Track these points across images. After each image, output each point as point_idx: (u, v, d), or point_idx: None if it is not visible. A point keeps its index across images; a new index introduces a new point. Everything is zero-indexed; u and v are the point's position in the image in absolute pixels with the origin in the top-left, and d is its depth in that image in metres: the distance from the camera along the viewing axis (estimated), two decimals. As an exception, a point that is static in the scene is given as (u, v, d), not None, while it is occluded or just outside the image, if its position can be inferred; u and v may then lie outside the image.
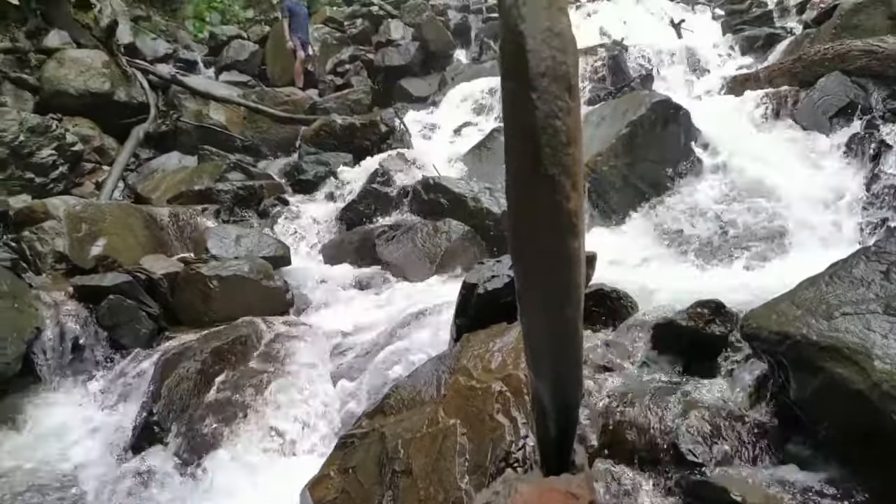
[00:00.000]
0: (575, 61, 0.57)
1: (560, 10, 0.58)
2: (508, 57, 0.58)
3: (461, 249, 4.64)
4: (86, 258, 4.34)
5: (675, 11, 10.01)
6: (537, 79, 0.55)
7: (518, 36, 0.57)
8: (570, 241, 0.58)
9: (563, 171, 0.56)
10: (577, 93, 0.57)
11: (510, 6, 0.58)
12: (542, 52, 0.56)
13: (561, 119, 0.56)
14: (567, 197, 0.56)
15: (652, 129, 5.04)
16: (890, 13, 6.01)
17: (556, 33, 0.57)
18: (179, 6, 14.56)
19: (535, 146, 0.56)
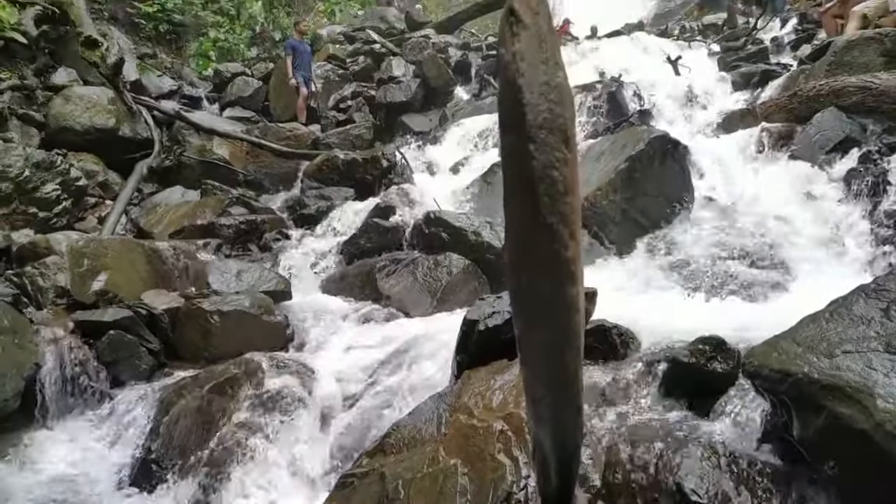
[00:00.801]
0: (572, 114, 0.59)
1: (556, 65, 0.60)
2: (507, 109, 0.60)
3: (462, 283, 4.64)
4: (87, 293, 4.34)
5: (672, 48, 10.18)
6: (535, 131, 0.57)
7: (516, 90, 0.58)
8: (568, 288, 0.59)
9: (561, 219, 0.57)
10: (573, 144, 0.58)
11: (508, 61, 0.60)
12: (540, 105, 0.58)
13: (558, 169, 0.57)
14: (565, 245, 0.57)
15: (650, 163, 5.09)
16: (883, 50, 6.10)
17: (553, 87, 0.59)
18: (185, 44, 14.86)
19: (534, 196, 0.57)
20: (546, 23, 0.61)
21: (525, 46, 0.59)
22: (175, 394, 3.14)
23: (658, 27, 14.83)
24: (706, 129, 6.52)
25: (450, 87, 10.22)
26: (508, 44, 0.61)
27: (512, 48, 0.60)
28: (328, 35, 14.41)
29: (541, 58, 0.59)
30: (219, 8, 15.89)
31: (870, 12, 7.36)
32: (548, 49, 0.59)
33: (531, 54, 0.59)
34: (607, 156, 5.53)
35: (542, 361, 0.63)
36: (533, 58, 0.58)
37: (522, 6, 0.60)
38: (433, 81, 10.05)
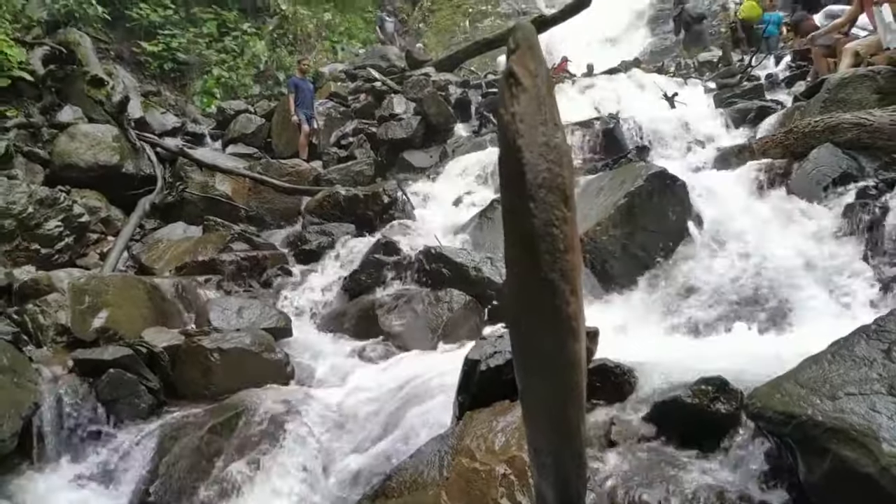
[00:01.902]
0: (570, 173, 0.60)
1: (555, 126, 0.62)
2: (508, 169, 0.61)
3: (463, 319, 4.64)
4: (87, 331, 4.33)
5: (668, 85, 10.33)
6: (535, 190, 0.58)
7: (516, 150, 0.60)
8: (570, 344, 0.60)
9: (562, 276, 0.58)
10: (573, 203, 0.59)
11: (508, 122, 0.62)
12: (539, 165, 0.59)
13: (558, 227, 0.59)
14: (566, 301, 0.58)
15: (649, 199, 5.12)
16: (876, 87, 6.18)
17: (552, 147, 0.60)
18: (189, 82, 15.11)
19: (535, 253, 0.58)
20: (544, 84, 0.63)
21: (524, 108, 0.61)
22: (174, 434, 3.11)
23: (654, 64, 15.06)
24: (704, 164, 6.58)
25: (450, 124, 10.34)
26: (508, 105, 0.62)
27: (511, 109, 0.62)
28: (330, 73, 14.66)
29: (540, 119, 0.61)
30: (223, 47, 16.21)
31: (862, 49, 7.48)
32: (546, 110, 0.61)
33: (530, 116, 0.61)
34: (606, 191, 5.57)
35: (544, 415, 0.63)
36: (532, 119, 0.60)
37: (521, 69, 0.62)
38: (433, 118, 10.18)
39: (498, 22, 22.16)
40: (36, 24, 10.92)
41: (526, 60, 0.63)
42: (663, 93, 9.58)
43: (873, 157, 5.11)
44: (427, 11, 24.83)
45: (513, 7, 23.46)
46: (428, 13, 24.73)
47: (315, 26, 19.30)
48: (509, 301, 0.64)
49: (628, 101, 9.96)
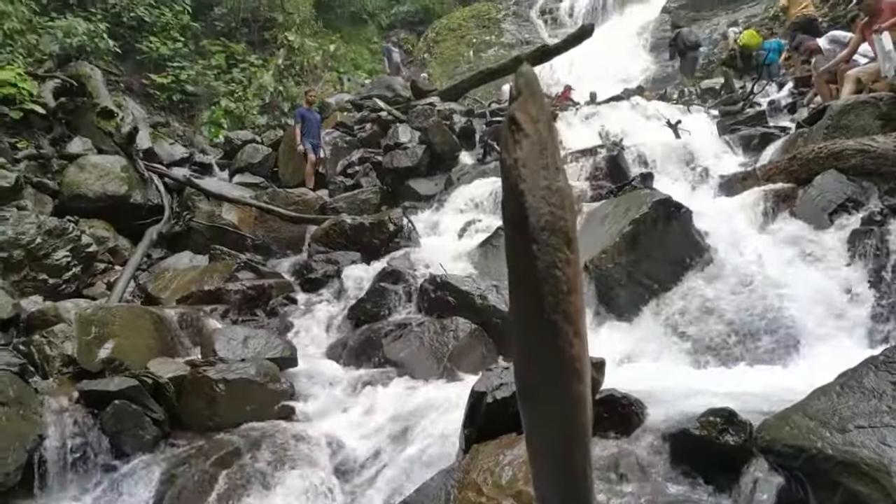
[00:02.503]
0: (573, 216, 0.61)
1: (557, 170, 0.63)
2: (511, 212, 0.62)
3: (469, 348, 4.62)
4: (93, 361, 4.34)
5: (671, 113, 10.40)
6: (538, 233, 0.59)
7: (519, 194, 0.61)
8: (575, 385, 0.60)
9: (565, 318, 0.59)
10: (576, 246, 0.60)
11: (511, 167, 0.63)
12: (542, 208, 0.60)
13: (561, 269, 0.59)
14: (570, 343, 0.59)
15: (654, 227, 5.12)
16: (879, 113, 6.20)
17: (554, 191, 0.61)
18: (197, 112, 15.33)
19: (538, 295, 0.59)
20: (546, 130, 0.64)
21: (527, 154, 0.62)
22: (178, 466, 3.09)
23: (657, 91, 15.20)
24: (708, 191, 6.59)
25: (454, 153, 10.41)
26: (511, 151, 0.64)
27: (514, 155, 0.63)
28: (336, 103, 14.85)
29: (542, 164, 0.62)
30: (231, 78, 16.48)
31: (863, 76, 7.54)
32: (548, 155, 0.62)
33: (532, 161, 0.62)
34: (611, 219, 5.58)
35: (549, 458, 0.63)
36: (534, 164, 0.61)
37: (523, 115, 0.63)
38: (438, 147, 10.25)
39: (501, 52, 22.46)
40: (48, 58, 11.15)
41: (528, 107, 0.64)
42: (666, 120, 9.64)
43: (878, 183, 5.11)
44: (432, 42, 25.22)
45: (516, 37, 23.80)
46: (432, 44, 25.11)
47: (322, 57, 19.62)
48: (513, 339, 0.64)
49: (632, 128, 10.02)
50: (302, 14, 20.27)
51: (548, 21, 24.83)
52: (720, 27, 18.52)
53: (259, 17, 18.77)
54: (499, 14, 25.28)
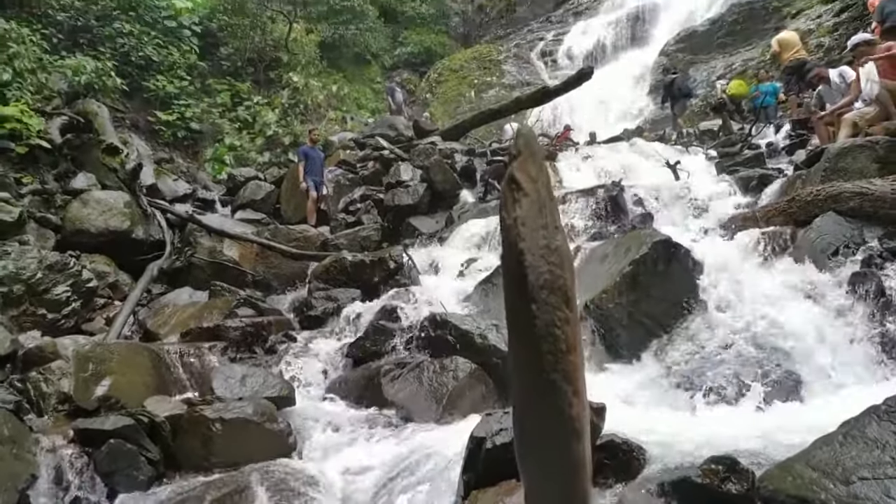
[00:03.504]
0: (571, 275, 0.62)
1: (556, 229, 0.64)
2: (510, 271, 0.63)
3: (468, 388, 4.57)
4: (89, 399, 4.31)
5: (670, 153, 10.51)
6: (537, 291, 0.60)
7: (518, 253, 0.62)
8: (574, 445, 0.60)
9: (564, 377, 0.59)
10: (575, 305, 0.61)
11: (510, 225, 0.64)
12: (541, 267, 0.61)
13: (560, 328, 0.60)
14: (569, 403, 0.59)
15: (654, 267, 5.13)
16: (876, 157, 6.27)
17: (553, 250, 0.62)
18: (201, 149, 15.52)
19: (537, 353, 0.59)
20: (545, 189, 0.66)
21: (526, 213, 0.63)
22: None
23: (656, 132, 15.40)
24: (708, 232, 6.61)
25: (455, 191, 10.50)
26: (510, 209, 0.65)
27: (513, 214, 0.64)
28: (339, 141, 15.04)
29: (541, 223, 0.63)
30: (235, 116, 16.73)
31: (860, 120, 7.65)
32: (547, 214, 0.64)
33: (532, 220, 0.63)
34: (611, 259, 5.59)
35: (549, 517, 0.62)
36: (533, 223, 0.62)
37: (522, 174, 0.65)
38: (439, 185, 10.35)
39: (502, 93, 22.82)
40: (56, 96, 11.34)
41: (527, 166, 0.66)
42: (666, 161, 9.74)
43: (876, 226, 5.14)
44: (434, 82, 25.65)
45: (516, 78, 24.22)
46: (435, 84, 25.54)
47: (325, 97, 19.94)
48: (512, 396, 0.64)
49: (631, 168, 10.12)
50: (307, 54, 20.68)
51: (548, 63, 25.30)
52: (717, 70, 18.85)
53: (265, 57, 19.16)
54: (500, 56, 25.78)
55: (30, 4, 14.13)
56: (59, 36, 14.33)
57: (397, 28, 29.29)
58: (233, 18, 18.88)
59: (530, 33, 28.50)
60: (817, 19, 16.15)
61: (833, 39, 14.90)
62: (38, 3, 14.29)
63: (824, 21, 15.83)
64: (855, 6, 14.95)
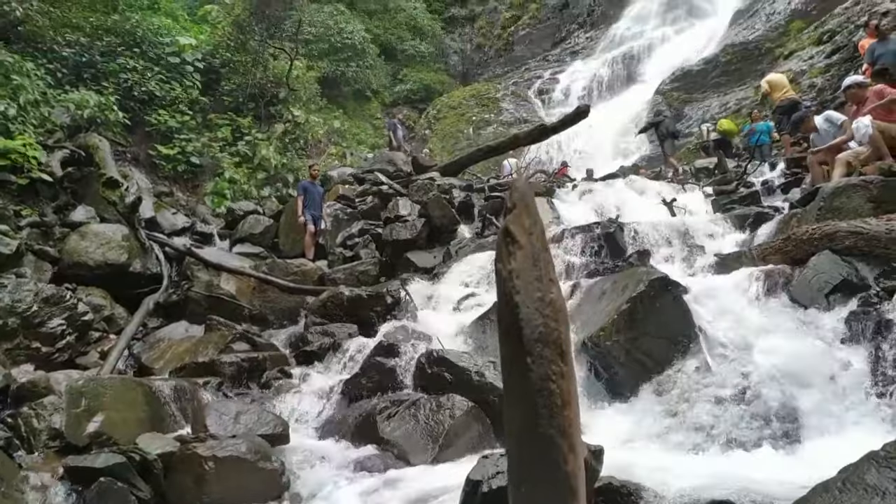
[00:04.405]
0: (566, 328, 0.62)
1: (550, 281, 0.64)
2: (505, 323, 0.63)
3: (464, 427, 4.52)
4: (81, 435, 4.25)
5: (667, 191, 10.61)
6: (532, 344, 0.60)
7: (513, 305, 0.62)
8: (569, 502, 0.59)
9: (559, 432, 0.59)
10: (570, 358, 0.61)
11: (506, 278, 0.64)
12: (536, 319, 0.61)
13: (555, 382, 0.60)
14: (564, 459, 0.59)
15: (651, 304, 5.12)
16: (870, 196, 6.32)
17: (547, 302, 0.63)
18: (201, 183, 15.61)
19: (532, 408, 0.59)
20: (540, 241, 0.66)
21: (521, 265, 0.64)
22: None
23: (652, 170, 15.57)
24: (704, 270, 6.62)
25: (453, 226, 10.53)
26: (505, 262, 0.65)
27: (509, 266, 0.65)
28: (339, 176, 15.15)
29: (535, 275, 0.63)
30: (236, 150, 16.88)
31: (853, 160, 7.74)
32: (542, 266, 0.64)
33: (526, 272, 0.63)
34: (609, 296, 5.59)
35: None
36: (528, 275, 0.63)
37: (517, 228, 0.66)
38: (437, 220, 10.38)
39: (500, 129, 23.13)
40: (59, 129, 11.45)
41: (522, 219, 0.67)
42: (662, 198, 9.82)
43: (872, 265, 5.14)
44: (433, 119, 26.01)
45: (514, 115, 24.58)
46: (434, 120, 25.89)
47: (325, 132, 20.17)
48: (508, 451, 0.64)
49: (628, 205, 10.19)
50: (308, 90, 20.99)
51: (545, 101, 25.72)
52: (712, 109, 19.16)
53: (266, 92, 19.42)
54: (498, 93, 26.21)
55: (35, 40, 14.37)
56: (64, 70, 14.54)
57: (397, 66, 29.82)
58: (235, 55, 19.19)
59: (528, 72, 29.05)
60: (809, 60, 16.49)
61: (825, 80, 15.20)
62: (43, 38, 14.54)
63: (816, 62, 16.17)
64: (846, 48, 15.30)
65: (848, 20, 16.12)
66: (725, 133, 15.32)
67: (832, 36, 16.37)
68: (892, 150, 7.51)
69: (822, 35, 16.80)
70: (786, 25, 19.08)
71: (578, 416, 0.61)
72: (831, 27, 16.66)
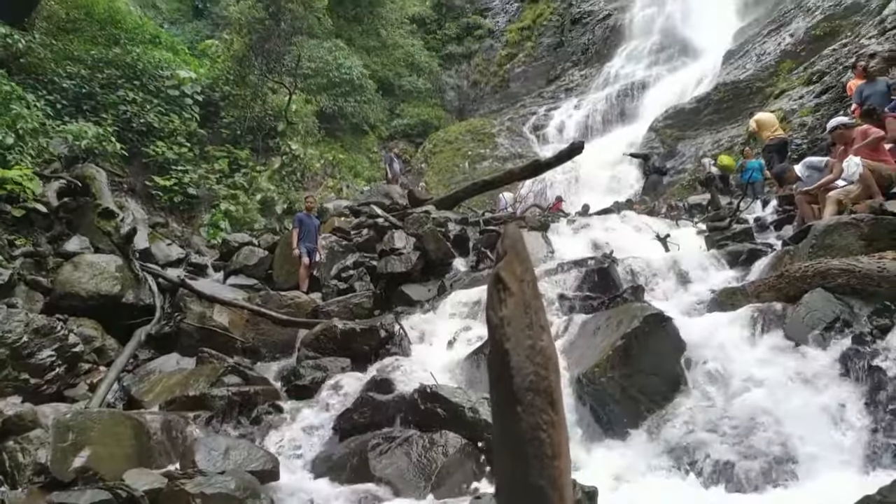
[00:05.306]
0: (557, 377, 0.62)
1: (542, 329, 0.65)
2: (496, 371, 0.63)
3: (458, 464, 4.47)
4: (66, 471, 4.17)
5: (660, 226, 10.67)
6: (522, 393, 0.60)
7: (504, 353, 0.62)
8: (559, 555, 0.59)
9: (550, 483, 0.59)
10: (560, 407, 0.61)
11: (496, 325, 0.64)
12: (526, 368, 0.61)
13: (546, 432, 0.60)
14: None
15: (646, 341, 5.11)
16: (861, 234, 6.37)
17: (538, 351, 0.63)
18: (197, 214, 15.64)
19: (523, 457, 0.59)
20: (531, 289, 0.67)
21: (511, 312, 0.64)
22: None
23: (646, 205, 15.71)
24: (698, 306, 6.63)
25: (448, 259, 10.54)
26: (496, 309, 0.66)
27: (500, 313, 0.65)
28: (334, 208, 15.21)
29: (526, 322, 0.64)
30: (233, 182, 16.95)
31: (843, 198, 7.83)
32: (532, 314, 0.65)
33: (517, 319, 0.64)
34: (603, 331, 5.58)
35: None
36: (519, 322, 0.63)
37: (508, 274, 0.66)
38: (433, 253, 10.40)
39: (495, 164, 23.38)
40: (56, 159, 11.51)
41: (513, 266, 0.67)
42: (656, 234, 9.87)
43: (865, 303, 5.16)
44: (429, 153, 26.26)
45: (509, 150, 24.86)
46: (430, 154, 26.14)
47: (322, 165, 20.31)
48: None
49: (622, 240, 10.24)
50: (305, 124, 21.21)
51: (540, 137, 26.04)
52: (705, 146, 19.42)
53: (264, 125, 19.61)
54: (493, 129, 26.54)
55: (37, 71, 14.54)
56: (64, 102, 14.69)
57: (394, 100, 30.23)
58: (235, 89, 19.42)
59: (523, 108, 29.48)
60: (799, 100, 16.80)
61: (815, 119, 15.46)
62: (45, 70, 14.72)
63: (806, 101, 16.47)
64: (834, 88, 15.61)
65: (836, 61, 16.48)
66: (724, 168, 15.54)
67: (821, 76, 16.71)
68: (880, 187, 7.62)
69: (812, 75, 17.15)
70: (776, 66, 19.47)
71: (570, 467, 0.61)
72: (820, 68, 17.02)
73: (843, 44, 16.87)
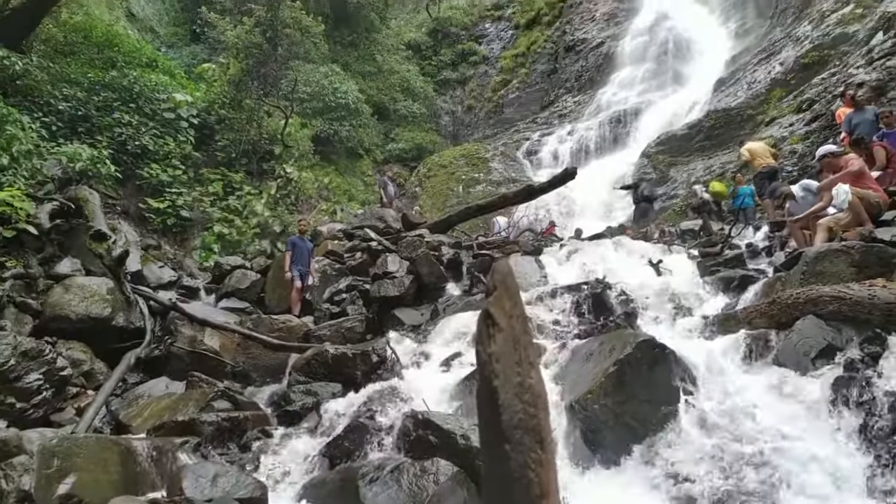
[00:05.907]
0: (546, 415, 0.62)
1: (530, 365, 0.64)
2: (484, 408, 0.63)
3: (449, 493, 4.40)
4: (50, 498, 4.09)
5: (653, 252, 10.71)
6: (511, 431, 0.60)
7: (492, 390, 0.62)
8: None
9: (537, 523, 0.58)
10: (549, 446, 0.61)
11: (485, 361, 0.64)
12: (515, 405, 0.61)
13: (534, 470, 0.59)
14: (542, 551, 0.57)
15: (639, 367, 5.09)
16: (852, 261, 6.41)
17: (526, 388, 0.62)
18: (190, 237, 15.60)
19: (510, 497, 0.58)
20: (520, 324, 0.67)
21: (501, 348, 0.64)
22: None
23: (638, 231, 15.78)
24: (691, 332, 6.63)
25: (442, 283, 10.53)
26: (485, 345, 0.65)
27: (488, 349, 0.65)
28: (328, 232, 15.20)
29: (515, 359, 0.63)
30: (226, 205, 16.95)
31: (834, 225, 7.90)
32: (521, 350, 0.64)
33: (506, 356, 0.64)
34: (596, 357, 5.56)
35: None
36: (508, 359, 0.63)
37: (498, 310, 0.66)
38: (426, 277, 10.38)
39: (489, 188, 23.50)
40: (49, 181, 11.48)
41: (503, 302, 0.67)
42: (649, 259, 9.91)
43: (857, 329, 5.18)
44: (423, 177, 26.39)
45: (503, 175, 25.01)
46: (424, 178, 26.26)
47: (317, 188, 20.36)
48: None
49: (614, 265, 10.25)
50: (301, 147, 21.30)
51: (533, 161, 26.22)
52: (697, 172, 19.59)
53: (259, 149, 19.68)
54: (487, 153, 26.73)
55: (32, 94, 14.58)
56: (59, 124, 14.71)
57: (389, 125, 30.47)
58: (230, 112, 19.53)
59: (517, 133, 29.74)
60: (790, 127, 17.02)
61: (805, 146, 15.64)
62: (41, 92, 14.76)
63: (796, 129, 16.69)
64: (824, 116, 15.83)
65: (825, 90, 16.74)
66: (716, 195, 15.69)
67: (811, 104, 16.96)
68: (869, 215, 7.70)
69: (802, 103, 17.40)
70: (766, 94, 19.74)
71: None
72: (810, 96, 17.28)
73: (831, 73, 17.16)
